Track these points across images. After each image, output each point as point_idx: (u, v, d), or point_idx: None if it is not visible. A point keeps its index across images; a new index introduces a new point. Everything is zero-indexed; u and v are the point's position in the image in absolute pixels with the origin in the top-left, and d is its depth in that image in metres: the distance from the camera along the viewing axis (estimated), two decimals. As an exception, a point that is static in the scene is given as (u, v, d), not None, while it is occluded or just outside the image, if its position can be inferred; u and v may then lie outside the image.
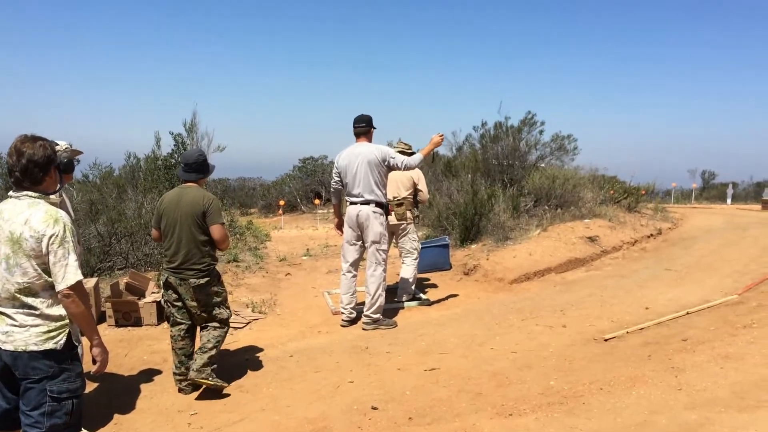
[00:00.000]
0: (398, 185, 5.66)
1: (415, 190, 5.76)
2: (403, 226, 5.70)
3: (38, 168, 2.17)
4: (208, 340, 3.58)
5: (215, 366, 3.57)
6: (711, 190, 27.03)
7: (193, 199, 3.49)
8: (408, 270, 5.78)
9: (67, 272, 2.13)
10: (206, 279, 3.55)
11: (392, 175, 5.56)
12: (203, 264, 3.54)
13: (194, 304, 3.56)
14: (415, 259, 5.81)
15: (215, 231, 3.50)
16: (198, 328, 3.74)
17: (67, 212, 3.37)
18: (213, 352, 3.55)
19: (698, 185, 27.15)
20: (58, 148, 3.03)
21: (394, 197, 5.62)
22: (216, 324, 3.64)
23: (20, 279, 2.13)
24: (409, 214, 5.69)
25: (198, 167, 3.65)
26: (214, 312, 3.63)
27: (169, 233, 3.54)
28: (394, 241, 5.91)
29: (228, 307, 3.75)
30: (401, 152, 5.52)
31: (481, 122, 11.03)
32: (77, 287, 2.16)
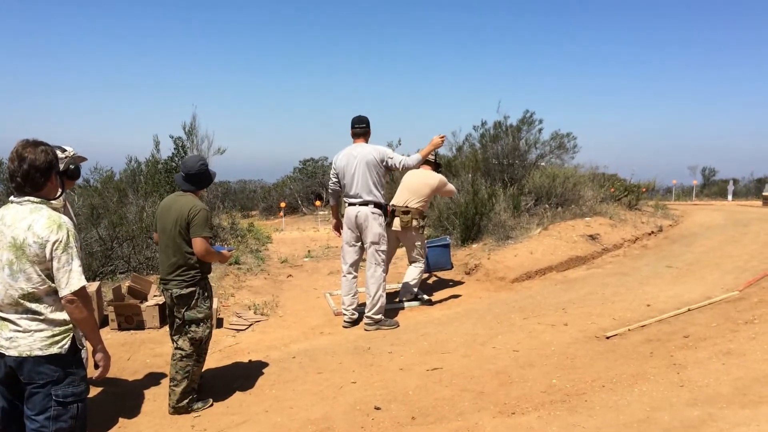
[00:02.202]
0: (411, 193, 5.56)
1: (429, 198, 5.67)
2: (408, 235, 5.61)
3: (39, 173, 2.16)
4: (177, 372, 3.38)
5: (194, 396, 3.44)
6: (712, 187, 26.97)
7: (181, 209, 3.33)
8: (414, 272, 5.76)
9: (71, 278, 2.13)
10: (190, 290, 3.37)
11: (408, 181, 5.55)
12: (188, 275, 3.36)
13: (177, 315, 3.42)
14: (421, 264, 5.79)
15: (196, 244, 3.31)
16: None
17: (70, 218, 3.38)
18: (185, 384, 3.36)
19: (699, 182, 27.12)
20: (66, 153, 3.05)
21: (405, 205, 5.54)
22: (181, 351, 3.40)
23: (24, 285, 2.13)
24: (415, 223, 5.54)
25: (196, 179, 3.46)
26: (190, 328, 3.41)
27: (160, 241, 3.45)
28: (400, 244, 5.90)
29: (209, 328, 3.50)
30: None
31: (480, 122, 11.03)
32: (81, 293, 2.16)
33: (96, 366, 2.32)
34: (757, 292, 5.08)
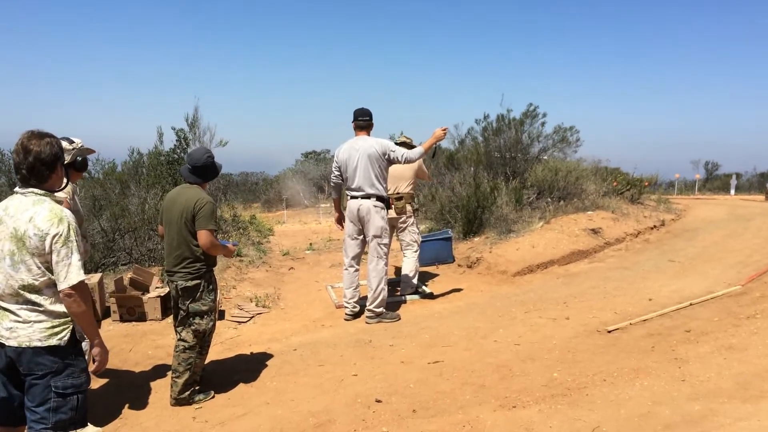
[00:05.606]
0: (398, 179, 5.63)
1: (416, 181, 5.75)
2: (402, 219, 5.68)
3: (45, 166, 2.15)
4: (179, 364, 3.38)
5: (196, 387, 3.44)
6: (714, 181, 26.96)
7: (187, 201, 3.33)
8: (409, 263, 5.77)
9: (70, 272, 2.12)
10: (195, 282, 3.37)
11: (392, 168, 5.55)
12: (193, 267, 3.36)
13: (182, 306, 3.42)
14: (415, 252, 5.78)
15: (201, 236, 3.30)
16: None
17: (77, 210, 3.37)
18: (187, 376, 3.37)
19: (702, 176, 27.13)
20: (73, 145, 3.03)
21: (395, 191, 5.60)
22: (185, 343, 3.41)
23: (24, 276, 2.12)
24: (408, 207, 5.67)
25: (202, 171, 3.46)
26: (194, 320, 3.41)
27: (166, 233, 3.44)
28: (395, 234, 5.91)
29: (213, 320, 3.51)
30: (402, 144, 5.50)
31: (483, 115, 11.00)
32: (79, 287, 2.15)
33: (93, 360, 2.32)
34: (760, 287, 5.08)
